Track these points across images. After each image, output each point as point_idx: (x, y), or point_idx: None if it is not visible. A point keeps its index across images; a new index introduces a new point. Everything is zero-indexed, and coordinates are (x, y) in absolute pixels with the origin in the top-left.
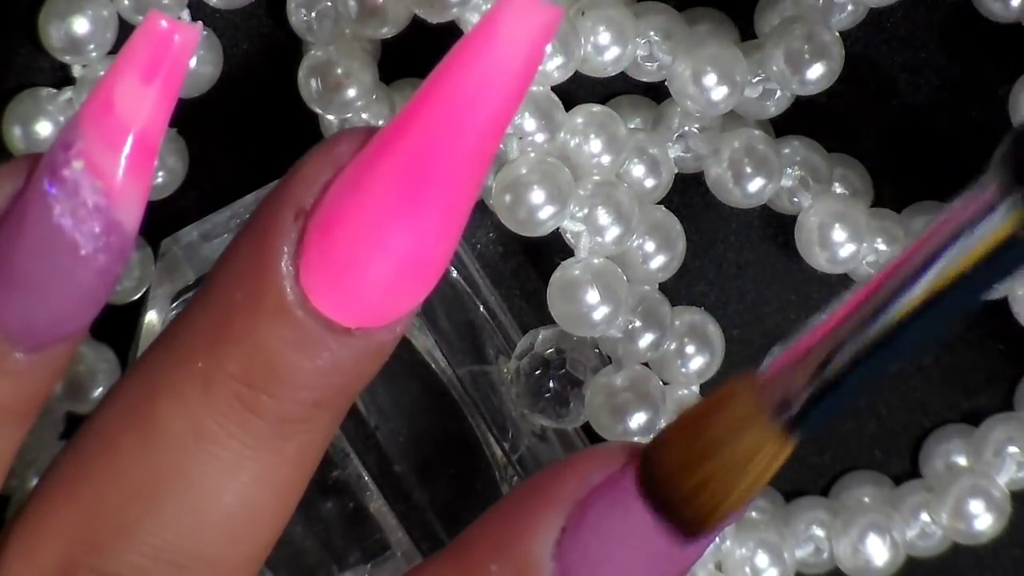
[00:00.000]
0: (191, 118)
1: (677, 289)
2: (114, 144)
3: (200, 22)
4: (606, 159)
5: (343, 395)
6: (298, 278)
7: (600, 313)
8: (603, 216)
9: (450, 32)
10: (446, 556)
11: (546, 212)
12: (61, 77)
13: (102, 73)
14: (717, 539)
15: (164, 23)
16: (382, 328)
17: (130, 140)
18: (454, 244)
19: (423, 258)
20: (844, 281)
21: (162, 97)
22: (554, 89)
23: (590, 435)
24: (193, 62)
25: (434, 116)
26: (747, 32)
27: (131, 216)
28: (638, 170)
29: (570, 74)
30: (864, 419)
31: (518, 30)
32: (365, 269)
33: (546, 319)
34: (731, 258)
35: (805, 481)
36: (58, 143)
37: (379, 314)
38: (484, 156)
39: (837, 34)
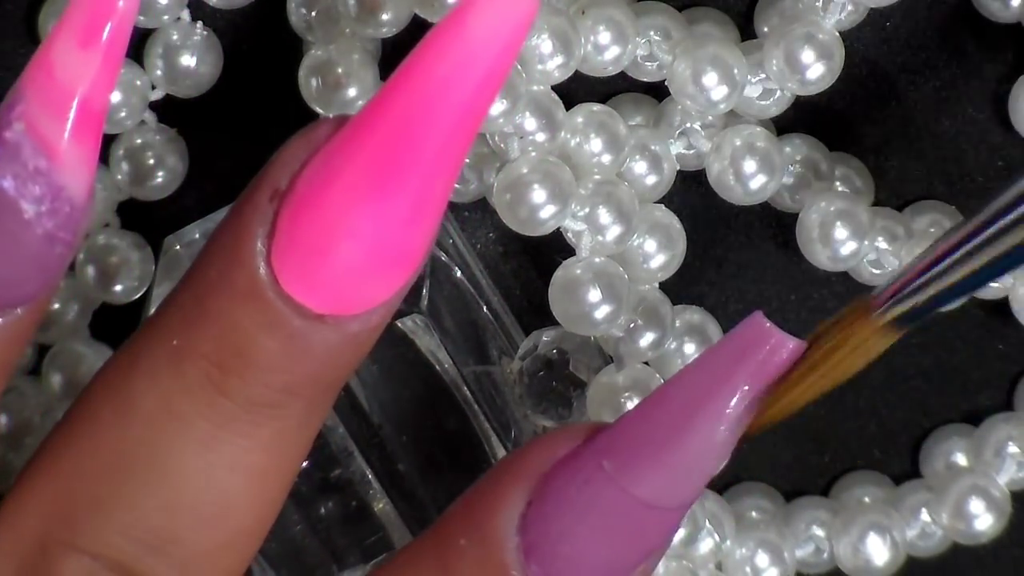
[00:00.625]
0: (191, 118)
1: (677, 288)
2: (55, 108)
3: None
4: (606, 158)
5: (317, 384)
6: (269, 259)
7: (601, 312)
8: (604, 215)
9: None
10: (423, 536)
11: (547, 211)
12: None
13: None
14: (716, 538)
15: None
16: (356, 317)
17: (73, 105)
18: (429, 237)
19: (393, 246)
20: (844, 281)
21: (104, 62)
22: (554, 88)
23: None
24: (193, 62)
25: (404, 103)
26: (747, 32)
27: (77, 182)
28: (640, 167)
29: (570, 73)
30: (864, 419)
31: (492, 22)
32: (333, 253)
33: (547, 318)
34: (731, 258)
35: (805, 481)
36: (2, 106)
37: (350, 301)
38: (457, 146)
39: (837, 34)
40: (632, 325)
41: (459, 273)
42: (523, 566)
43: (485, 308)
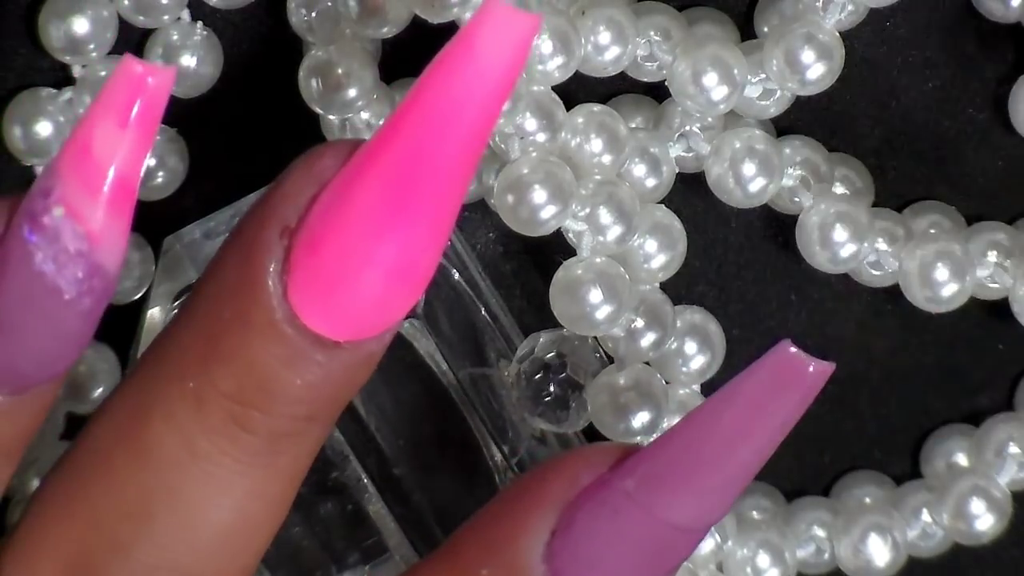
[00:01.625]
0: (191, 118)
1: (677, 289)
2: (93, 188)
3: (163, 66)
4: (607, 158)
5: (334, 406)
6: (286, 295)
7: (603, 312)
8: (605, 215)
9: (450, 32)
10: (438, 559)
11: (548, 212)
12: (61, 77)
13: (104, 74)
14: (717, 539)
15: (139, 67)
16: (372, 339)
17: (109, 183)
18: (441, 251)
19: (412, 268)
20: (844, 281)
21: (139, 140)
22: (554, 89)
23: (590, 438)
24: (193, 62)
25: (417, 128)
26: (747, 32)
27: (113, 258)
28: (639, 170)
29: (570, 74)
30: (864, 419)
31: (498, 39)
32: (355, 284)
33: (547, 319)
34: (731, 258)
35: (806, 481)
36: (37, 190)
37: (369, 326)
38: (469, 164)
39: (837, 34)
40: (633, 325)
41: (457, 275)
42: None
43: (483, 310)
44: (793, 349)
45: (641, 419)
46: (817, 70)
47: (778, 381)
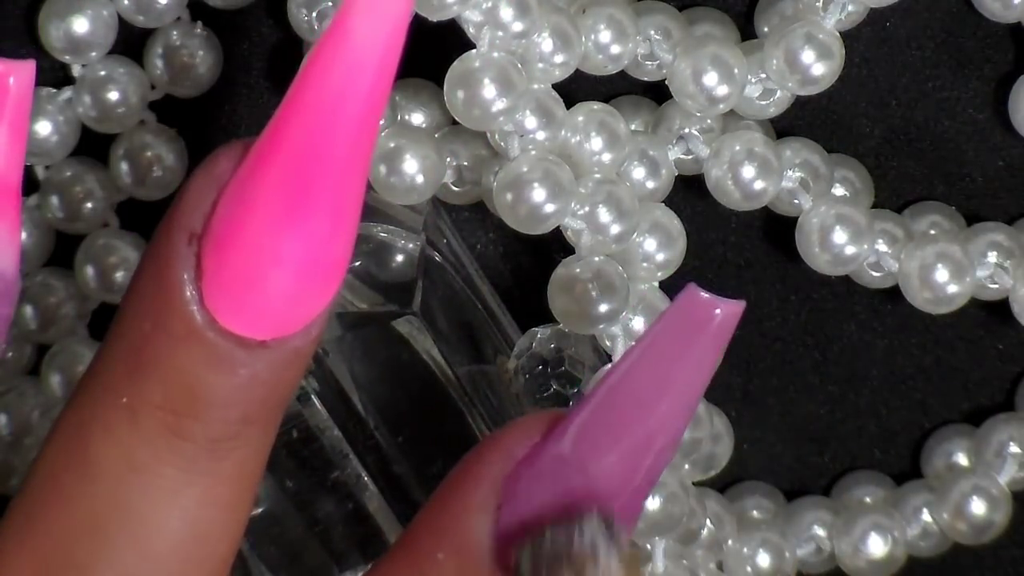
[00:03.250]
0: (191, 118)
1: (676, 288)
2: None
3: (32, 65)
4: (607, 157)
5: (269, 406)
6: (202, 301)
7: (601, 311)
8: (604, 214)
9: (450, 31)
10: (396, 552)
11: (547, 210)
12: (61, 77)
13: (102, 73)
14: (718, 536)
15: None
16: (296, 334)
17: None
18: (350, 242)
19: (321, 261)
20: (845, 281)
21: (10, 138)
22: (555, 88)
23: None
24: (193, 62)
25: (303, 123)
26: (747, 32)
27: (6, 257)
28: (638, 172)
29: (571, 72)
30: (864, 419)
31: (371, 25)
32: (264, 282)
33: (547, 318)
34: (731, 258)
35: (806, 481)
36: None
37: (289, 322)
38: (361, 152)
39: (837, 34)
40: (631, 324)
41: (453, 273)
42: (507, 570)
43: (480, 307)
44: (701, 293)
45: None
46: (817, 70)
47: (688, 327)
